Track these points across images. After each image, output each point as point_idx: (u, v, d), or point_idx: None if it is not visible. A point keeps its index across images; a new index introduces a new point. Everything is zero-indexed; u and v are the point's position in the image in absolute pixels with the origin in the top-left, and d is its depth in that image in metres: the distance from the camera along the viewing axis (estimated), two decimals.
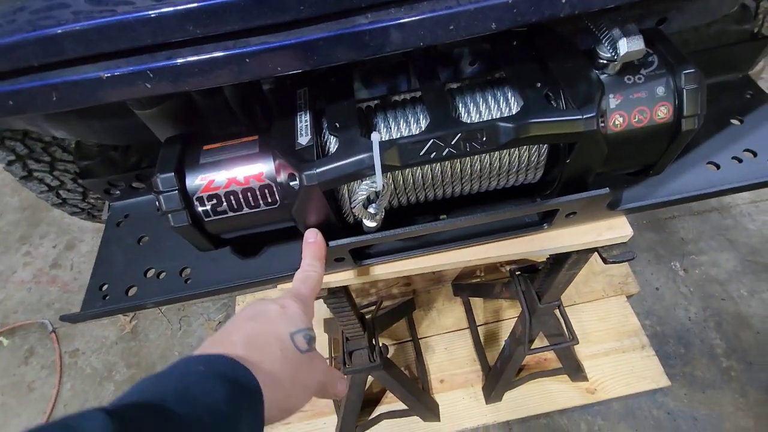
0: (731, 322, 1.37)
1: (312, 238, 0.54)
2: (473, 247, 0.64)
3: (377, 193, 0.50)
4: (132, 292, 0.67)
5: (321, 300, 0.76)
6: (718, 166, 0.64)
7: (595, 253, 0.70)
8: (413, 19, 0.39)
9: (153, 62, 0.40)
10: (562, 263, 0.78)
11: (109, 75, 0.40)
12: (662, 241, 1.57)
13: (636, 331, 1.35)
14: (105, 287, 0.69)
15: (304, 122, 0.51)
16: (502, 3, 0.39)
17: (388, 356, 1.09)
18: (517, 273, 1.07)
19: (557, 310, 1.07)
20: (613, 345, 1.33)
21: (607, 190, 0.53)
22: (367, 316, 1.09)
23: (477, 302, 1.47)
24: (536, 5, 0.40)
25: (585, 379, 1.28)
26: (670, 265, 1.51)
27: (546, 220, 0.61)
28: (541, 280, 0.97)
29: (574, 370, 1.26)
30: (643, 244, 1.57)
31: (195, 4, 0.37)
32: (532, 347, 1.08)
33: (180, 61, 0.40)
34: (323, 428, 1.31)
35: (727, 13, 0.87)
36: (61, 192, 1.09)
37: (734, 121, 0.69)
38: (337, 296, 0.78)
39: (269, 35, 0.40)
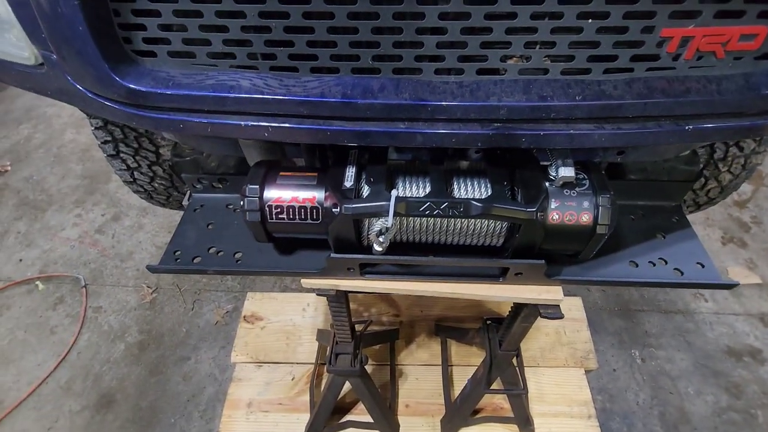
0: (674, 414, 1.52)
1: None
2: (448, 283, 0.87)
3: (387, 229, 0.75)
4: (197, 260, 0.92)
5: (326, 302, 0.99)
6: (637, 265, 0.87)
7: (563, 325, 0.91)
8: (431, 131, 0.65)
9: (274, 122, 0.67)
10: (517, 315, 1.00)
11: (246, 124, 0.67)
12: (628, 329, 1.75)
13: (586, 402, 1.51)
14: (177, 253, 0.94)
15: (350, 172, 0.78)
16: (484, 134, 0.65)
17: (366, 366, 1.29)
18: (488, 322, 1.28)
19: (515, 359, 1.26)
20: (563, 409, 1.49)
21: (542, 261, 0.76)
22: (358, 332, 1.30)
23: (453, 344, 1.66)
24: (505, 139, 0.65)
25: None
26: (630, 352, 1.68)
27: (503, 275, 0.84)
28: (503, 329, 1.17)
29: (523, 421, 1.42)
30: (610, 328, 1.76)
31: (305, 98, 0.64)
32: (490, 388, 1.27)
33: (288, 125, 0.67)
34: (296, 423, 1.48)
35: (679, 156, 1.13)
36: (135, 173, 1.36)
37: (659, 236, 0.93)
38: (339, 300, 1.01)
39: (344, 122, 0.67)
